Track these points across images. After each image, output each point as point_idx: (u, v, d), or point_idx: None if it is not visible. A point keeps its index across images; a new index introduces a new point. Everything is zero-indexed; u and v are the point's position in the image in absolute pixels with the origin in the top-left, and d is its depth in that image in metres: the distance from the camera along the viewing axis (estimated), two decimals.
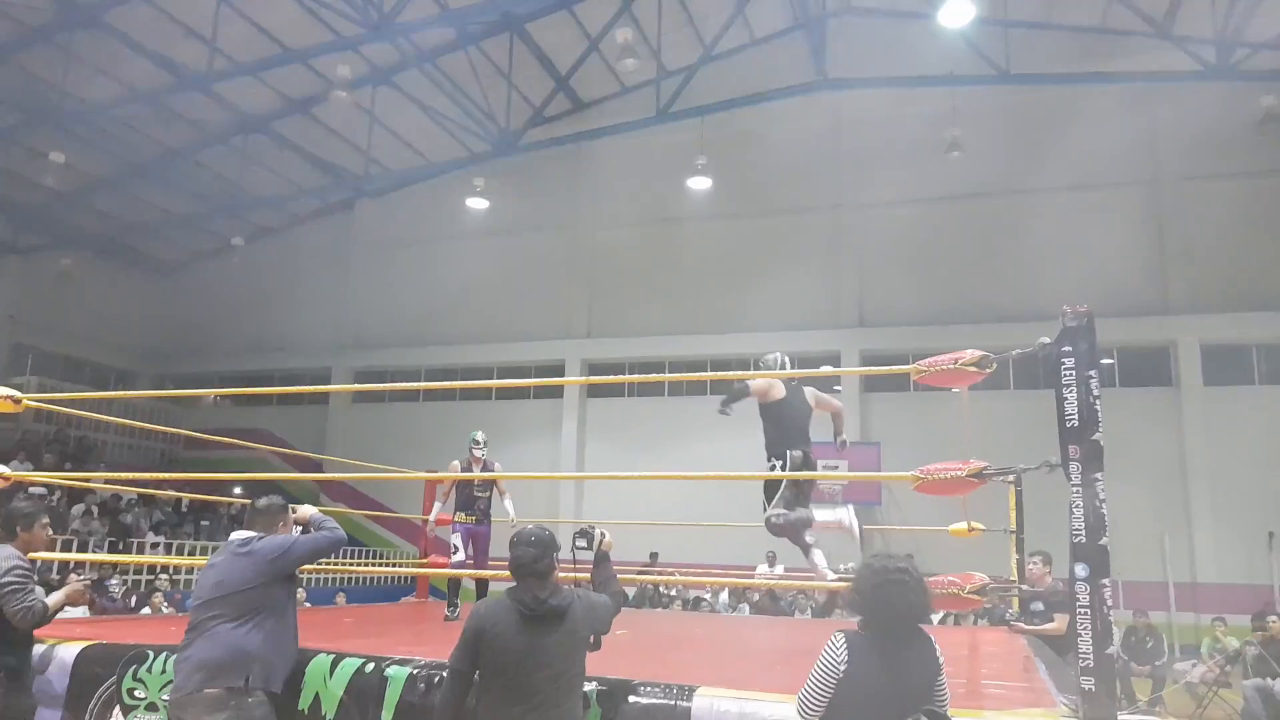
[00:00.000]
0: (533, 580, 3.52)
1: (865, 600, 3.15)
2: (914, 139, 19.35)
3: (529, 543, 3.57)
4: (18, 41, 16.48)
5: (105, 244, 23.50)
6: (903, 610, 3.08)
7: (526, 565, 3.53)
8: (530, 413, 21.61)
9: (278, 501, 4.30)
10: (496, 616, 3.47)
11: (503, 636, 3.41)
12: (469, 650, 3.45)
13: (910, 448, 16.17)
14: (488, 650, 3.42)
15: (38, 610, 4.39)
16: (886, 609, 3.08)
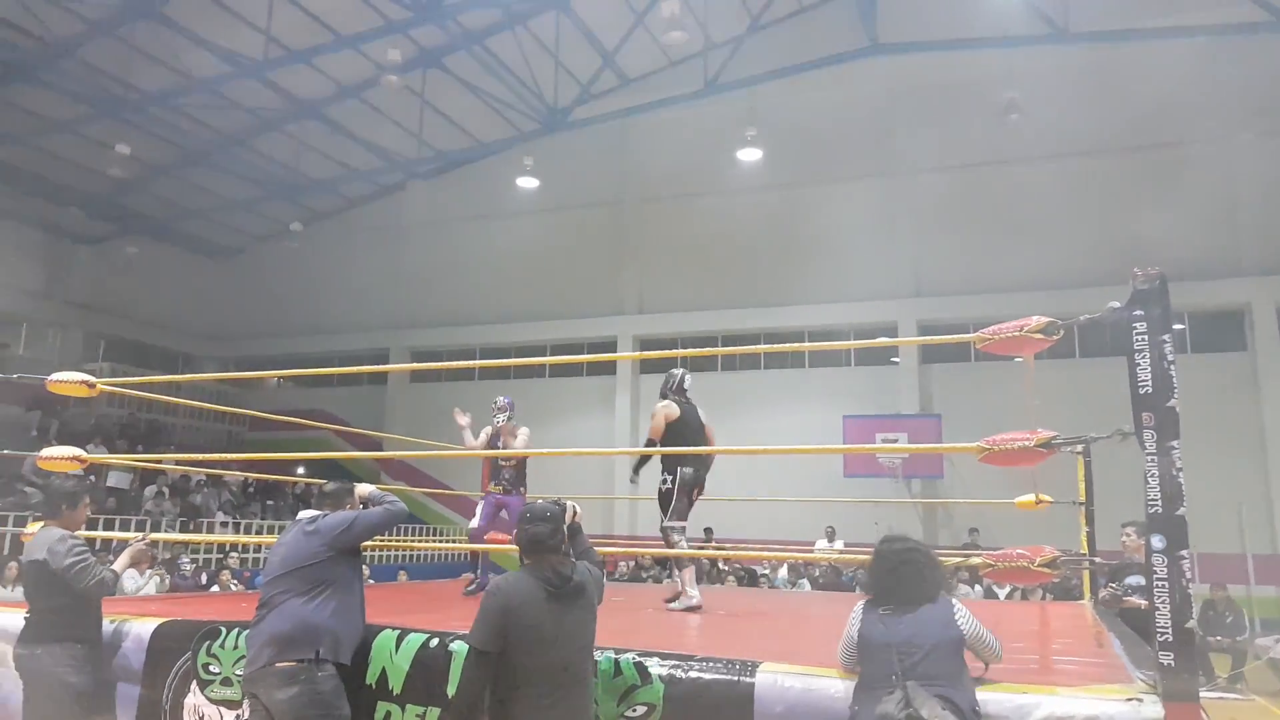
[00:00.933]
0: (549, 556, 3.50)
1: (880, 581, 3.45)
2: (969, 102, 18.93)
3: (543, 518, 3.54)
4: (80, 36, 16.83)
5: (169, 231, 24.06)
6: (917, 587, 3.34)
7: (541, 541, 3.51)
8: (584, 389, 21.71)
9: (345, 485, 4.39)
10: (522, 594, 3.41)
11: (530, 614, 3.36)
12: (496, 630, 3.36)
13: (972, 419, 15.91)
14: (515, 628, 3.35)
15: (108, 579, 4.51)
16: (900, 588, 3.36)
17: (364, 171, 22.98)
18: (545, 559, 3.50)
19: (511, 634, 3.34)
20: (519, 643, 3.34)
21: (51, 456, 5.82)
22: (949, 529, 18.18)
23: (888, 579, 3.41)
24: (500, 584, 3.47)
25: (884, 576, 3.43)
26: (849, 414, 18.03)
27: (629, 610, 6.80)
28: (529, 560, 3.53)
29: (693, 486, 7.03)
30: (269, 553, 4.22)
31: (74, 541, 4.57)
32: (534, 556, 3.52)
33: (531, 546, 3.52)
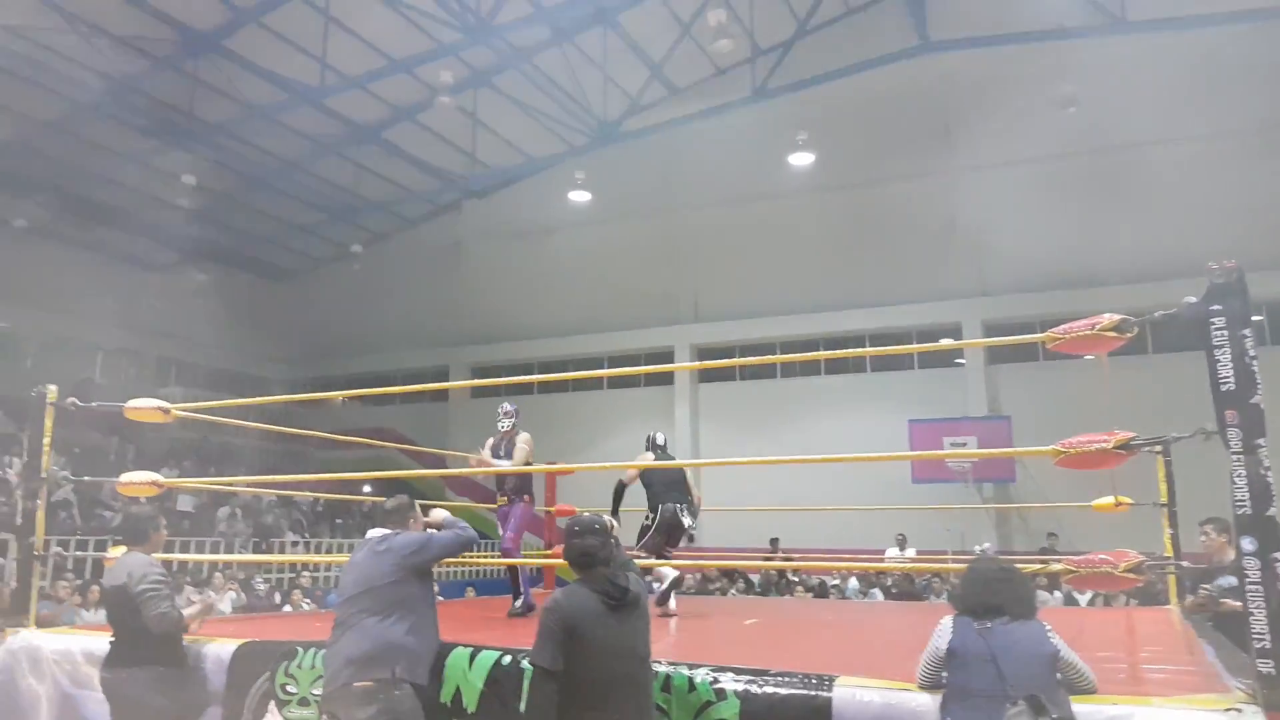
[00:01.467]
0: (600, 568, 3.48)
1: (973, 595, 3.43)
2: (1026, 96, 18.54)
3: (591, 531, 3.52)
4: (147, 72, 17.38)
5: (234, 257, 24.67)
6: (1009, 605, 3.33)
7: (592, 554, 3.49)
8: (642, 400, 21.72)
9: (405, 500, 4.41)
10: (583, 608, 3.38)
11: (593, 628, 3.34)
12: (559, 647, 3.31)
13: (1042, 420, 15.61)
14: (578, 643, 3.32)
15: (173, 618, 4.57)
16: (994, 602, 3.34)
17: (420, 192, 23.34)
18: (597, 571, 3.48)
19: (574, 649, 3.31)
20: (582, 657, 3.31)
21: (130, 481, 5.97)
22: (1024, 533, 17.78)
23: (982, 592, 3.40)
24: (558, 599, 3.44)
25: (978, 590, 3.42)
26: (914, 418, 17.68)
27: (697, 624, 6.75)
28: (580, 574, 3.50)
29: (671, 527, 7.45)
30: (341, 572, 4.26)
31: (154, 569, 4.66)
32: (585, 570, 3.50)
33: (582, 560, 3.50)
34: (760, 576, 15.29)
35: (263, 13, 16.62)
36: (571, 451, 19.40)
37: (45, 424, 5.63)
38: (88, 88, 17.26)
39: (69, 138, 18.83)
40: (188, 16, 16.26)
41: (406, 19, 16.88)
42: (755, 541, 16.98)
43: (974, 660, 3.22)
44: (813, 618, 8.01)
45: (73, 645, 5.11)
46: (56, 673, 5.04)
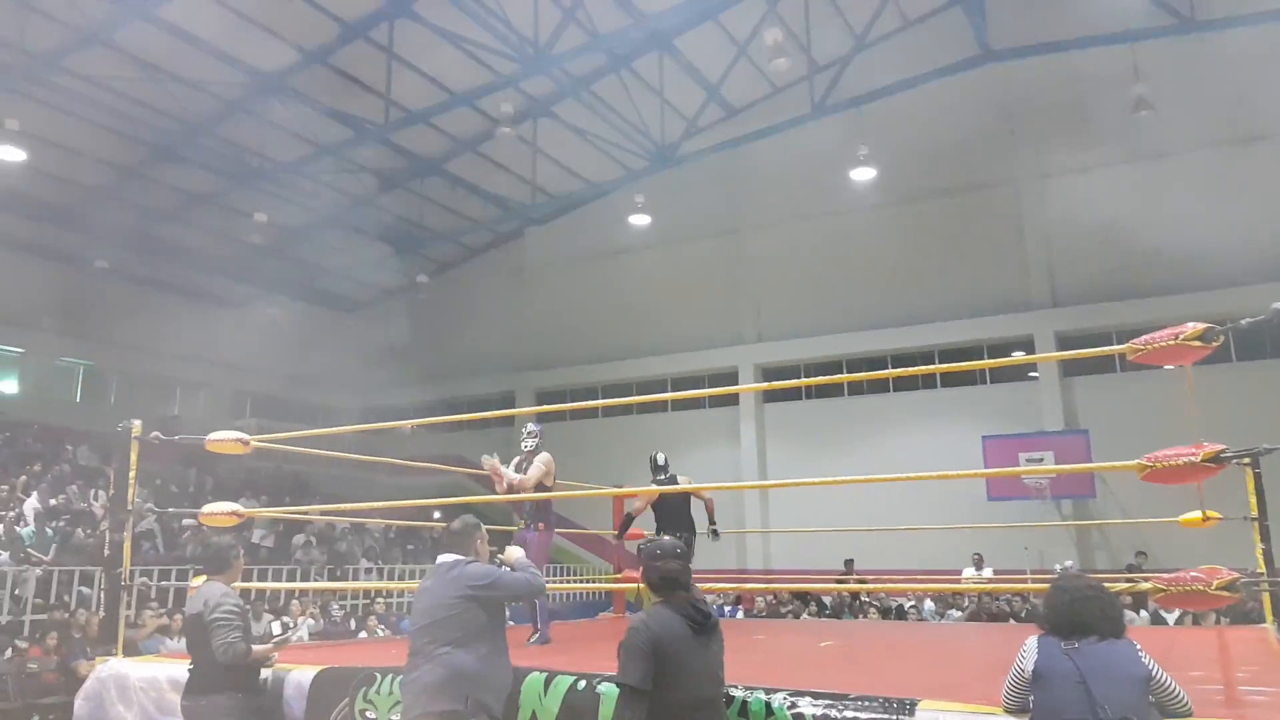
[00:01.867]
0: (681, 592, 3.51)
1: (1060, 614, 3.31)
2: (1094, 102, 18.16)
3: (674, 555, 3.54)
4: (218, 114, 18.01)
5: (304, 290, 25.30)
6: (1097, 624, 3.23)
7: (675, 577, 3.51)
8: (707, 421, 21.62)
9: (470, 521, 4.39)
10: (670, 630, 3.39)
11: (679, 650, 3.36)
12: (649, 667, 3.32)
13: (1122, 433, 15.14)
14: (664, 664, 3.33)
15: (239, 650, 4.61)
16: (1082, 621, 3.23)
17: (483, 221, 23.72)
18: (679, 595, 3.50)
19: (661, 670, 3.32)
20: (668, 678, 3.33)
21: (212, 512, 6.13)
22: (1105, 551, 17.24)
23: (1068, 612, 3.29)
24: (646, 620, 3.44)
25: (1064, 609, 3.30)
26: (988, 434, 17.24)
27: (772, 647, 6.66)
28: (662, 597, 3.51)
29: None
30: (414, 599, 4.28)
31: (229, 599, 4.74)
32: (667, 593, 3.51)
33: (665, 584, 3.51)
34: (833, 599, 15.07)
35: (328, 54, 17.11)
36: (637, 475, 19.33)
37: (131, 458, 5.79)
38: (164, 132, 17.99)
39: (146, 181, 19.64)
40: (257, 60, 16.80)
41: (466, 53, 17.20)
42: (827, 563, 16.75)
43: (1062, 681, 3.12)
44: (890, 640, 7.84)
45: (158, 673, 5.26)
46: (143, 700, 5.19)
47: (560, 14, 16.42)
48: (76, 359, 22.07)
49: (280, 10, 15.49)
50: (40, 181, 18.50)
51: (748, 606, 15.66)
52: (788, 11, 17.55)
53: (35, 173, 17.90)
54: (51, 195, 19.15)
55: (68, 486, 16.23)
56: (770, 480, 20.16)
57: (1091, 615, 3.24)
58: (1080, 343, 16.87)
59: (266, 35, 16.30)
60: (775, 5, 17.40)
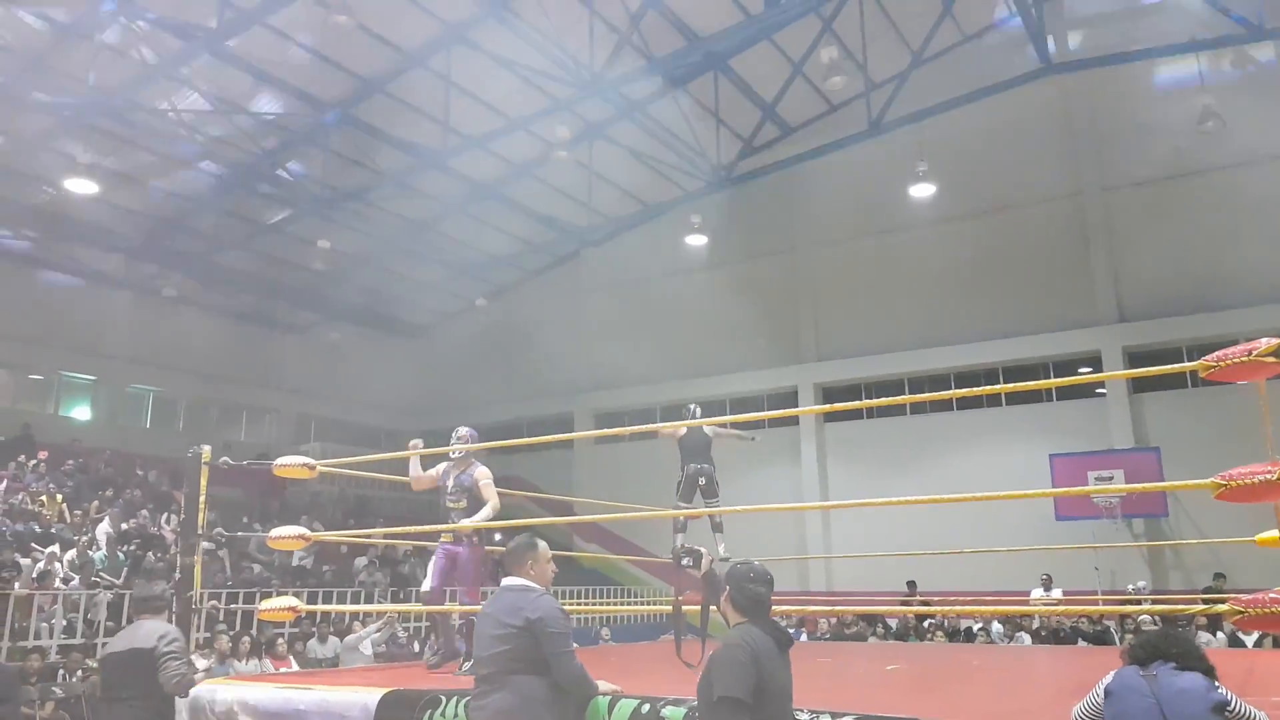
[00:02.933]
0: (765, 615, 3.61)
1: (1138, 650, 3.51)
2: (1159, 112, 17.81)
3: (764, 580, 3.64)
4: (283, 145, 18.49)
5: (365, 315, 25.72)
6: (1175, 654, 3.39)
7: (762, 601, 3.61)
8: (767, 441, 21.37)
9: (524, 541, 4.35)
10: (765, 647, 3.48)
11: (771, 667, 3.44)
12: (752, 680, 3.36)
13: (1194, 450, 14.74)
14: (761, 678, 3.39)
15: (189, 680, 5.01)
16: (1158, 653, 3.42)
17: (540, 244, 23.98)
18: (766, 618, 3.60)
19: (757, 688, 3.39)
20: (761, 695, 3.39)
21: (280, 535, 6.22)
22: (1180, 571, 16.71)
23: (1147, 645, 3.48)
24: (743, 637, 3.50)
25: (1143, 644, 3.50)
26: (1056, 452, 16.89)
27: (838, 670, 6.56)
28: (746, 620, 3.59)
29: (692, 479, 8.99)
30: (479, 622, 4.25)
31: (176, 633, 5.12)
32: (753, 616, 3.59)
33: (754, 607, 3.60)
34: (898, 621, 14.81)
35: (387, 82, 17.47)
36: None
37: (200, 483, 5.91)
38: (229, 163, 18.50)
39: (214, 212, 20.21)
40: (319, 90, 17.23)
41: (522, 78, 17.43)
42: (891, 584, 16.49)
43: (1133, 695, 3.27)
44: (957, 663, 7.67)
45: (228, 695, 5.35)
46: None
47: (615, 38, 16.57)
48: (146, 385, 22.71)
49: (341, 41, 15.86)
50: (111, 213, 19.09)
51: (810, 629, 15.46)
52: (843, 29, 17.51)
53: (106, 205, 18.48)
54: (122, 226, 19.74)
55: (139, 511, 16.68)
56: (832, 500, 19.92)
57: (1169, 647, 3.42)
58: (1150, 358, 16.46)
59: (328, 66, 16.72)
60: (831, 23, 17.37)
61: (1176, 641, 3.47)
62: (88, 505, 16.24)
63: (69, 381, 21.47)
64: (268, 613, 6.25)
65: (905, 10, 18.09)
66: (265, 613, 6.26)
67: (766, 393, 21.69)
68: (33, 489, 15.93)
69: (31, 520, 14.71)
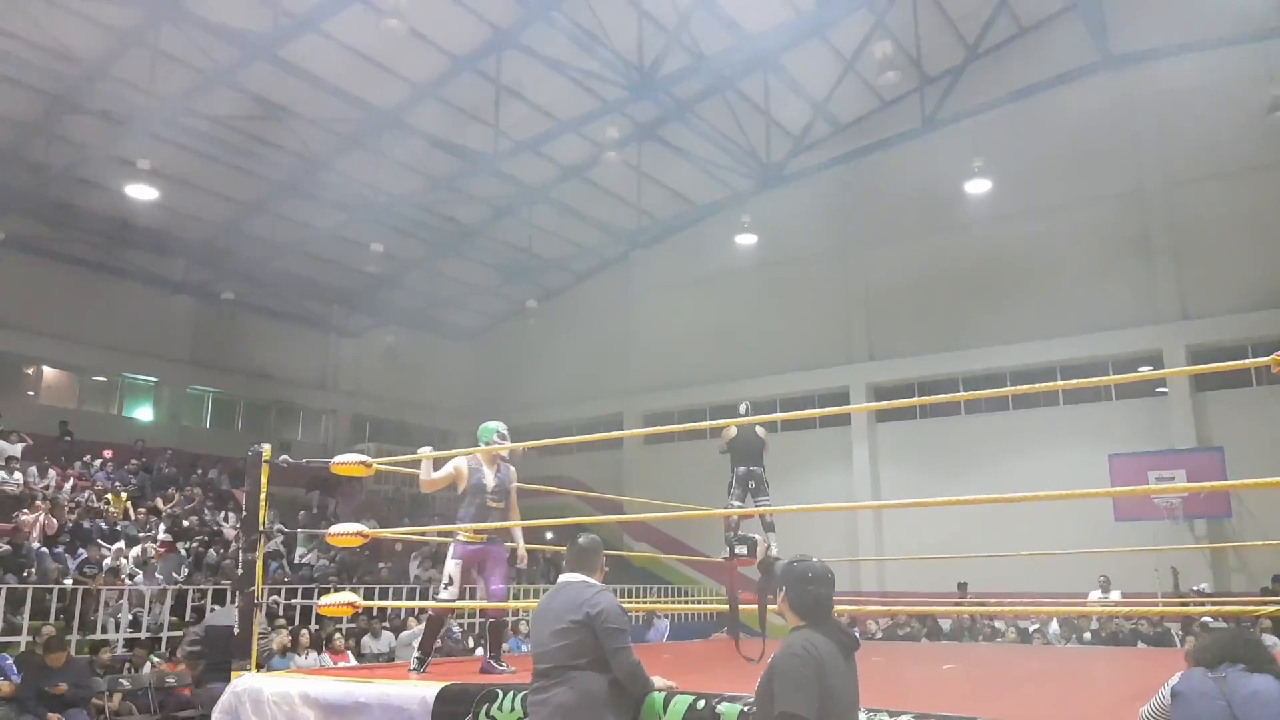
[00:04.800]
0: (828, 617, 3.41)
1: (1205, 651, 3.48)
2: (1223, 105, 17.32)
3: (825, 580, 3.43)
4: (335, 149, 18.79)
5: (418, 318, 26.06)
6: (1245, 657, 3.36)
7: (824, 602, 3.40)
8: (818, 442, 21.31)
9: (597, 541, 4.37)
10: (830, 655, 3.29)
11: (836, 675, 3.26)
12: (815, 694, 3.18)
13: (1259, 450, 14.38)
14: (826, 691, 3.21)
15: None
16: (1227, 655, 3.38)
17: (590, 246, 24.07)
18: (830, 621, 3.41)
19: (822, 698, 3.20)
20: (827, 706, 3.21)
21: (339, 532, 6.32)
22: (1243, 573, 16.27)
23: (1214, 646, 3.46)
24: (807, 645, 3.29)
25: (1211, 645, 3.48)
26: (1115, 452, 16.53)
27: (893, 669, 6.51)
28: (808, 622, 3.39)
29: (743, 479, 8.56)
30: (535, 617, 4.27)
31: None
32: (813, 619, 3.39)
33: (815, 610, 3.39)
34: (951, 622, 14.62)
35: (439, 87, 17.66)
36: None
37: (261, 480, 5.99)
38: (285, 168, 18.83)
39: (269, 215, 20.58)
40: (372, 95, 17.47)
41: (573, 80, 17.53)
42: (946, 585, 16.30)
43: (1201, 699, 3.24)
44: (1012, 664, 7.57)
45: (290, 688, 5.42)
46: (276, 713, 5.36)
47: (665, 38, 16.58)
48: (206, 387, 23.20)
49: (393, 47, 16.09)
50: (171, 218, 19.53)
51: (862, 630, 15.32)
52: (896, 24, 17.32)
53: (166, 210, 18.89)
54: (182, 231, 20.23)
55: (201, 508, 17.04)
56: (885, 502, 19.71)
57: (1239, 650, 3.39)
58: (1213, 356, 16.05)
59: (380, 71, 16.95)
60: (884, 18, 17.20)
61: (1246, 643, 3.42)
62: (151, 503, 16.64)
63: (131, 383, 22.02)
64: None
65: (960, 3, 17.84)
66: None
67: (818, 393, 21.54)
68: (98, 486, 16.39)
69: (98, 518, 15.12)
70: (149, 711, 10.73)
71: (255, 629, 5.97)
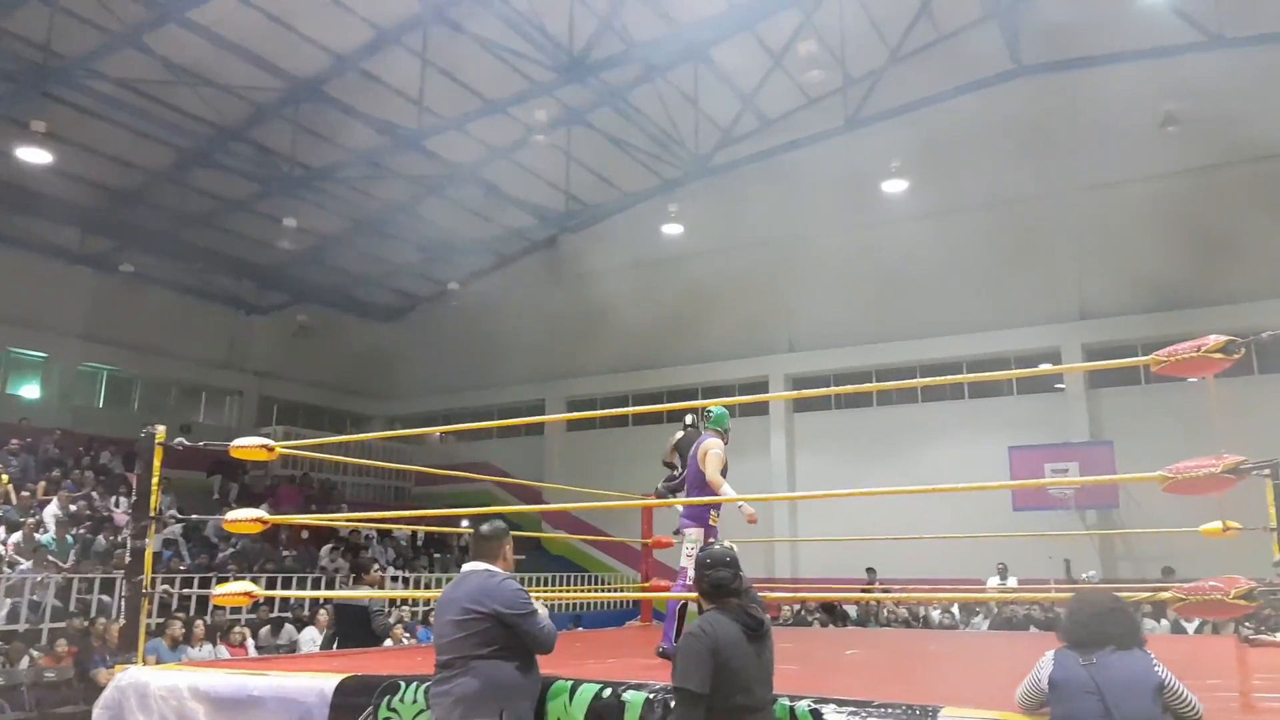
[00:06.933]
0: (733, 599, 3.57)
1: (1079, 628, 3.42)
2: (1125, 117, 18.05)
3: (724, 563, 3.60)
4: (250, 119, 18.19)
5: (335, 297, 25.46)
6: (1117, 635, 3.32)
7: (724, 585, 3.58)
8: (737, 430, 21.17)
9: (500, 526, 4.35)
10: (728, 635, 3.45)
11: (736, 655, 3.41)
12: (707, 671, 3.36)
13: (1146, 444, 15.06)
14: (722, 670, 3.38)
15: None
16: (1100, 635, 3.33)
17: (516, 229, 23.84)
18: (730, 602, 3.56)
19: (718, 676, 3.37)
20: (724, 684, 3.38)
21: (236, 519, 6.15)
22: (1129, 561, 17.11)
23: (1089, 624, 3.39)
24: (704, 626, 3.48)
25: (1085, 623, 3.41)
26: (1015, 444, 17.30)
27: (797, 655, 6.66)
28: (712, 605, 3.58)
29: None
30: (438, 607, 4.23)
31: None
32: (719, 601, 3.57)
33: (715, 592, 3.58)
34: (858, 607, 15.02)
35: (362, 59, 17.28)
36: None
37: (154, 464, 5.70)
38: (195, 137, 18.08)
39: (176, 186, 19.74)
40: (291, 65, 17.01)
41: (502, 60, 17.29)
42: (855, 571, 16.71)
43: (1077, 692, 3.23)
44: (914, 648, 7.82)
45: (179, 681, 5.19)
46: (164, 709, 5.11)
47: (596, 22, 16.50)
48: (100, 364, 22.12)
49: (314, 15, 15.67)
50: (67, 185, 18.50)
51: (774, 615, 15.63)
52: (823, 23, 17.56)
53: (62, 176, 17.96)
54: (78, 198, 19.25)
55: (89, 492, 16.23)
56: (800, 489, 20.13)
57: (1111, 629, 3.33)
58: (1107, 355, 16.83)
59: (300, 40, 16.46)
60: (811, 17, 17.42)
61: (1118, 620, 3.37)
62: (35, 486, 15.53)
63: (17, 358, 20.91)
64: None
65: (884, 8, 18.16)
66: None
67: (739, 382, 21.81)
68: None
69: None
70: (24, 709, 9.94)
71: (143, 620, 5.70)
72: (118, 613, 10.59)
